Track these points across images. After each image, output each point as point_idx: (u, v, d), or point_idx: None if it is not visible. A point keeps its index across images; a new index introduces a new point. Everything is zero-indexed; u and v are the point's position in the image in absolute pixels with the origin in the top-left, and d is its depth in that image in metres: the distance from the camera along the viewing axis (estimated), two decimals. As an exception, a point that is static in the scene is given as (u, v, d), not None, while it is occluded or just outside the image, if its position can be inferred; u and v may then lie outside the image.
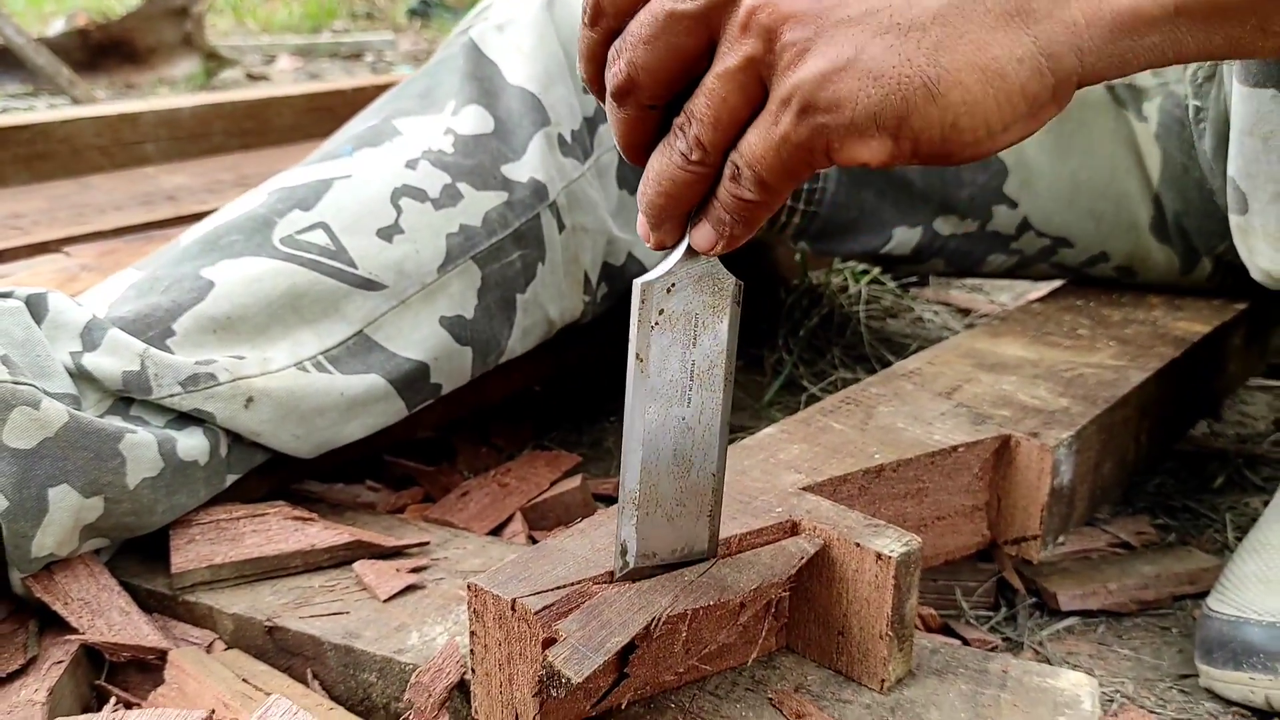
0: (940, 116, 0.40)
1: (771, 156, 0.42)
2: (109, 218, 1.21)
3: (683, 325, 0.48)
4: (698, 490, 0.52)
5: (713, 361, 0.50)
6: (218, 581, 0.64)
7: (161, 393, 0.65)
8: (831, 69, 0.40)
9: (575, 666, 0.47)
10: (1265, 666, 0.61)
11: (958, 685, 0.55)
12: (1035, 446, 0.68)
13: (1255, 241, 0.67)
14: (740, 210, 0.45)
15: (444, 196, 0.77)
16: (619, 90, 0.44)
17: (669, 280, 0.47)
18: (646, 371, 0.48)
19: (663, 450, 0.50)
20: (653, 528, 0.51)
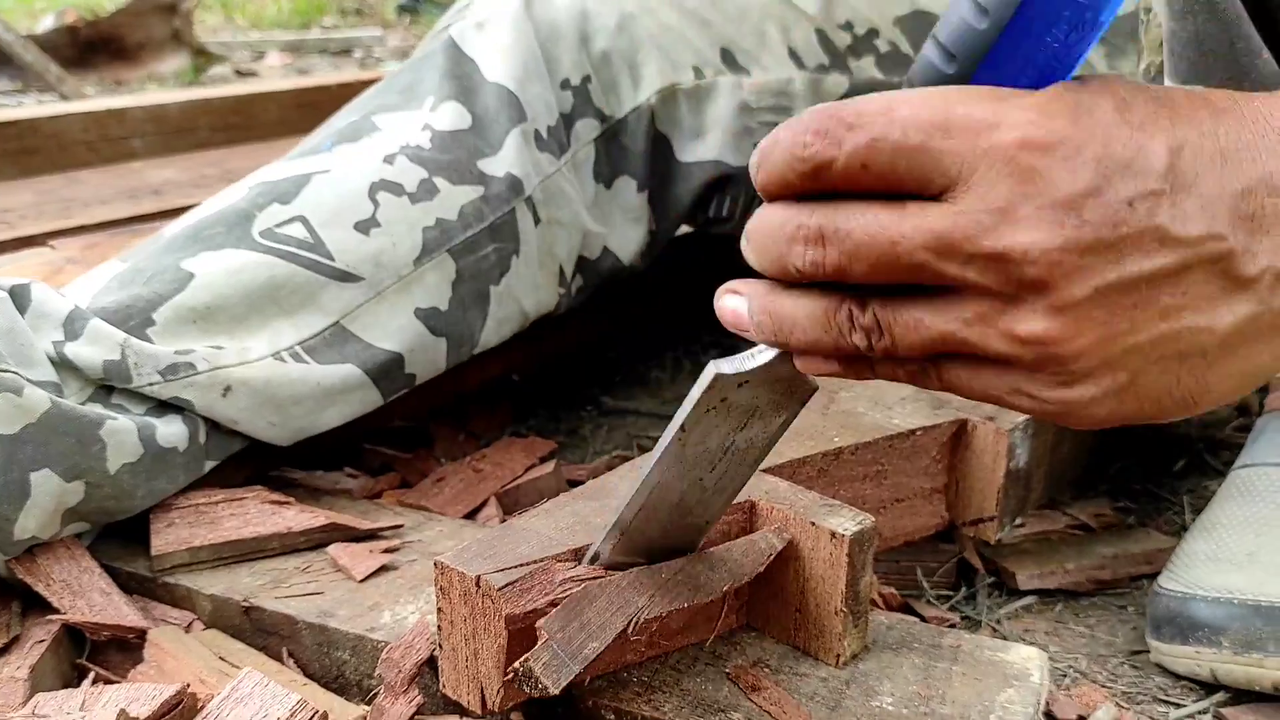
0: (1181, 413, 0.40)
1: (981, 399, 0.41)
2: (95, 212, 1.23)
3: (740, 414, 0.47)
4: (687, 530, 0.53)
5: (753, 444, 0.49)
6: (196, 564, 0.66)
7: (141, 381, 0.67)
8: (1101, 396, 0.39)
9: (554, 675, 0.49)
10: (1210, 640, 0.63)
11: (911, 659, 0.57)
12: (991, 430, 0.70)
13: None
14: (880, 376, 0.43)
15: (421, 191, 0.78)
16: (814, 270, 0.40)
17: (746, 378, 0.45)
18: (684, 443, 0.47)
19: (669, 498, 0.50)
20: (628, 546, 0.52)
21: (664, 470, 0.49)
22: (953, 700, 0.54)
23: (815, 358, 0.43)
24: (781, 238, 0.41)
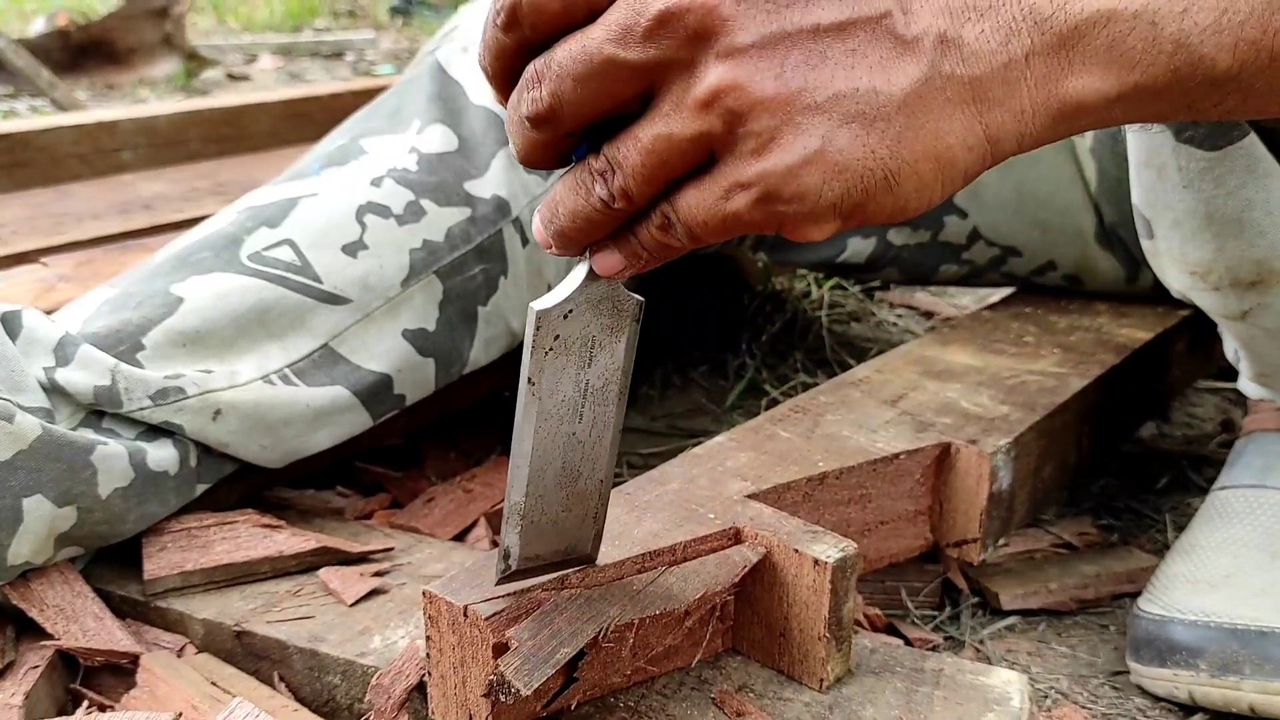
0: (893, 202, 0.41)
1: (715, 224, 0.42)
2: (87, 227, 1.23)
3: (578, 349, 0.48)
4: (583, 497, 0.52)
5: (607, 379, 0.49)
6: (188, 588, 0.67)
7: (132, 406, 0.67)
8: (799, 162, 0.40)
9: (525, 678, 0.50)
10: (1188, 663, 0.64)
11: (894, 683, 0.58)
12: (974, 453, 0.71)
13: (1164, 264, 0.71)
14: (661, 251, 0.45)
15: (407, 213, 0.79)
16: (537, 117, 0.43)
17: (566, 307, 0.46)
18: (538, 395, 0.48)
19: (550, 464, 0.50)
20: (537, 534, 0.52)
21: (532, 435, 0.48)
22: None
23: (602, 253, 0.45)
24: (515, 99, 0.43)
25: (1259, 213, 0.63)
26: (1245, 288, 0.66)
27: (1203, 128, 0.62)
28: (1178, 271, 0.69)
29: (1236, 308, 0.68)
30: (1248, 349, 0.71)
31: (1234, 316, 0.69)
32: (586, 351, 0.48)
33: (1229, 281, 0.66)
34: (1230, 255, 0.65)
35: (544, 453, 0.50)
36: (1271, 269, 0.65)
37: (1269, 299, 0.66)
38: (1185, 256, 0.67)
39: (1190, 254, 0.67)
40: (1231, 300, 0.67)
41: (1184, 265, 0.68)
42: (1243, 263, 0.65)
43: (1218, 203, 0.64)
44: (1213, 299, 0.68)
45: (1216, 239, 0.65)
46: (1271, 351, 0.69)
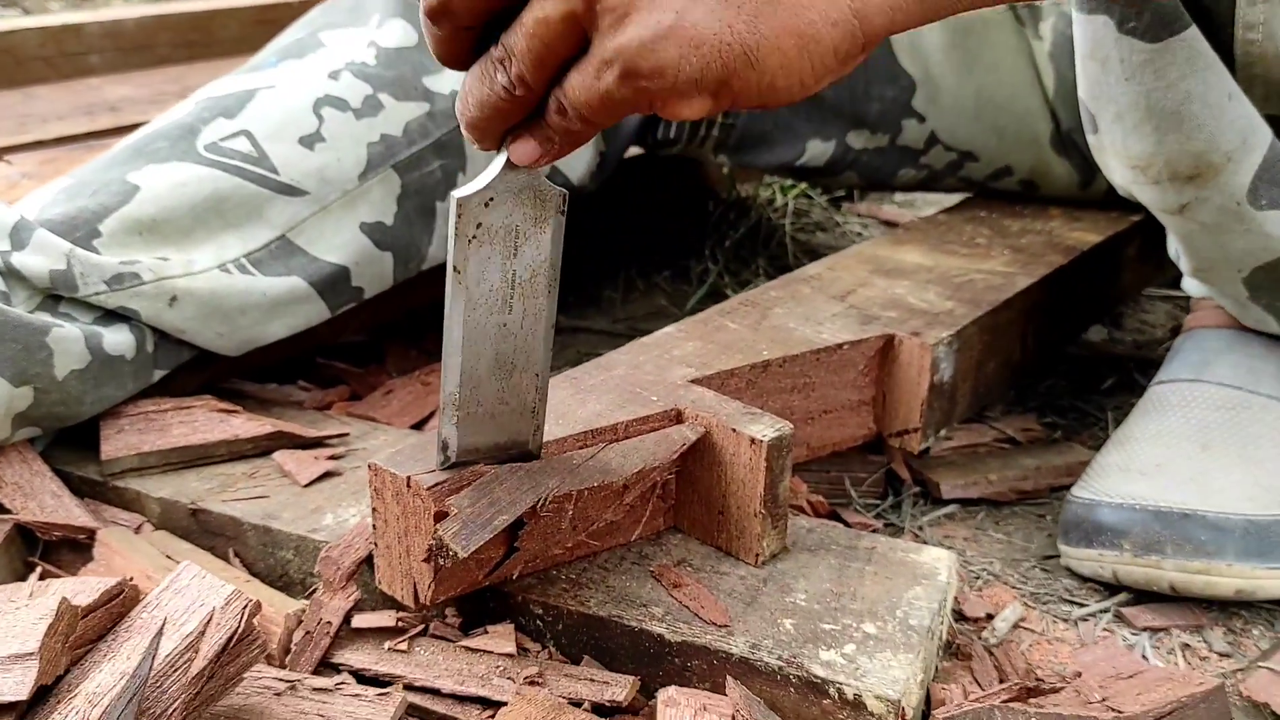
0: (758, 80, 0.42)
1: (596, 104, 0.44)
2: (51, 128, 1.22)
3: (502, 238, 0.49)
4: (520, 390, 0.53)
5: (535, 270, 0.51)
6: (145, 469, 0.68)
7: (87, 290, 0.68)
8: (652, 36, 0.41)
9: (463, 541, 0.52)
10: (1113, 544, 0.67)
11: (827, 559, 0.61)
12: (916, 345, 0.72)
13: (1107, 159, 0.72)
14: (566, 135, 0.46)
15: (365, 106, 0.79)
16: (432, 11, 0.45)
17: (486, 194, 0.47)
18: (464, 283, 0.49)
19: (483, 355, 0.51)
20: (474, 425, 0.53)
21: (461, 323, 0.50)
22: (863, 597, 0.57)
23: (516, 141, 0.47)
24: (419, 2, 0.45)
25: (1198, 105, 0.64)
26: (1183, 181, 0.67)
27: (1145, 18, 0.62)
28: (1120, 165, 0.70)
29: (1175, 202, 0.69)
30: (1186, 244, 0.73)
31: (1172, 211, 0.70)
32: (511, 241, 0.49)
33: (1168, 175, 0.68)
34: (1169, 148, 0.66)
35: (475, 342, 0.51)
36: (1209, 162, 0.66)
37: (1206, 193, 0.67)
38: (1127, 150, 0.68)
39: (1132, 147, 0.68)
40: (1170, 194, 0.69)
41: (1126, 159, 0.69)
42: (1181, 156, 0.66)
43: (1158, 95, 0.64)
44: (1152, 193, 0.70)
45: (1156, 132, 0.66)
46: (1208, 246, 0.71)
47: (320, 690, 0.53)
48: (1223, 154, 0.65)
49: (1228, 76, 0.64)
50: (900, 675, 0.52)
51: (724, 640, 0.53)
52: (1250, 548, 0.65)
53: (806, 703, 0.52)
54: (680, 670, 0.54)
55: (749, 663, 0.53)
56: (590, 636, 0.56)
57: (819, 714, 0.52)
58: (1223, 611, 0.67)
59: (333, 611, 0.58)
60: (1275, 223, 0.67)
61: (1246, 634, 0.66)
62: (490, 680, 0.54)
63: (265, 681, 0.53)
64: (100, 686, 0.45)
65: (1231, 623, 0.66)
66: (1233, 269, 0.71)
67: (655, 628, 0.54)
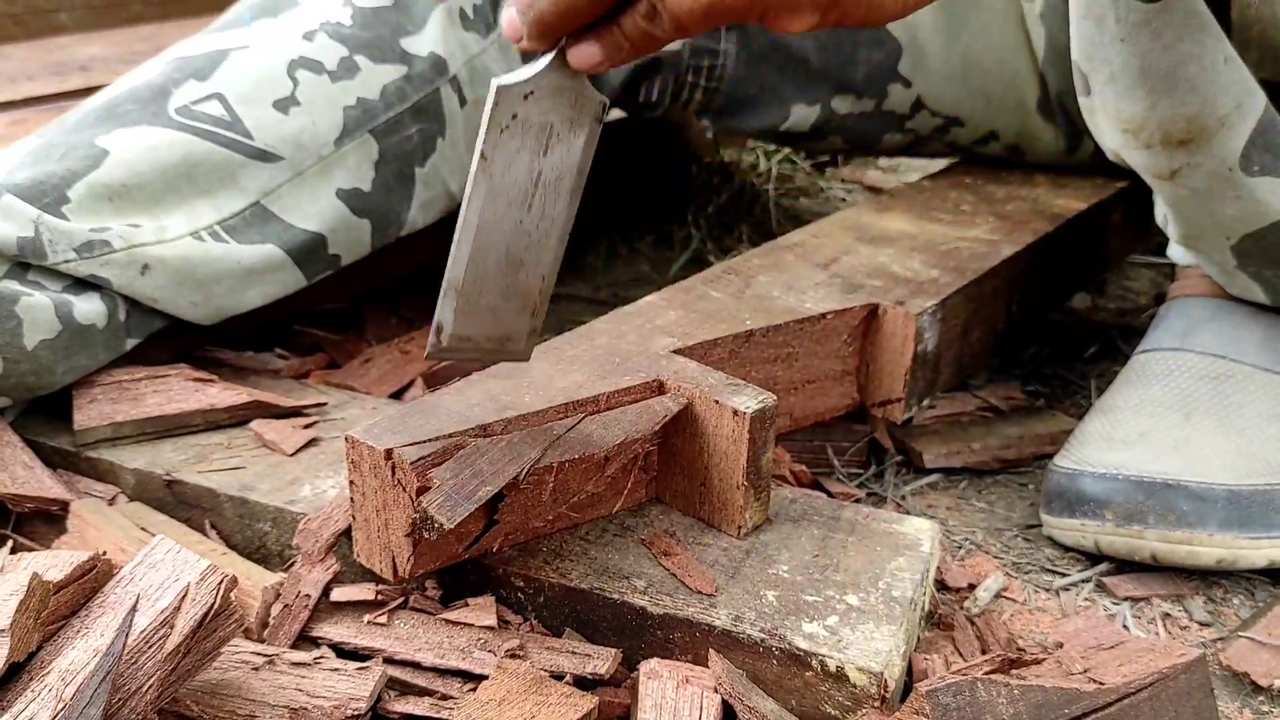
0: None
1: (700, 12, 0.43)
2: (20, 87, 1.20)
3: (535, 133, 0.48)
4: (524, 289, 0.53)
5: (561, 173, 0.50)
6: (119, 439, 0.67)
7: (56, 258, 0.67)
8: None
9: (448, 513, 0.51)
10: (1095, 513, 0.66)
11: (810, 530, 0.60)
12: (900, 314, 0.72)
13: (1099, 121, 0.71)
14: (644, 41, 0.45)
15: (341, 69, 0.78)
16: None
17: (527, 87, 0.47)
18: (490, 172, 0.48)
19: (494, 246, 0.50)
20: (472, 314, 0.52)
21: (479, 211, 0.49)
22: (845, 568, 0.57)
23: (580, 45, 0.46)
24: None
25: (1193, 68, 0.63)
26: (1175, 146, 0.67)
27: None
28: (1111, 128, 0.69)
29: (1166, 166, 0.68)
30: (1175, 210, 0.72)
31: (1163, 176, 0.69)
32: (544, 138, 0.48)
33: (1160, 139, 0.67)
34: (1162, 111, 0.65)
35: (489, 232, 0.50)
36: (1202, 127, 0.65)
37: (1198, 158, 0.67)
38: (1119, 112, 0.68)
39: (1124, 109, 0.67)
40: (1162, 158, 0.68)
41: (1118, 121, 0.68)
42: (1174, 119, 0.65)
43: (1153, 56, 0.63)
44: (1144, 157, 0.69)
45: (1150, 94, 0.65)
46: (1198, 213, 0.70)
47: (299, 664, 0.52)
48: (1216, 118, 0.64)
49: (1224, 40, 0.63)
50: (883, 647, 0.52)
51: (706, 612, 0.53)
52: (1232, 518, 0.65)
53: (789, 675, 0.52)
54: (662, 643, 0.54)
55: (731, 635, 0.52)
56: (571, 609, 0.56)
57: (801, 686, 0.52)
58: (1203, 581, 0.67)
59: (311, 584, 0.57)
60: (1266, 189, 0.67)
61: (1227, 603, 0.66)
62: (471, 653, 0.54)
63: (243, 656, 0.52)
64: (73, 664, 0.44)
65: (1212, 592, 0.67)
66: (1221, 236, 0.70)
67: (637, 600, 0.54)
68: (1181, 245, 0.76)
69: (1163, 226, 0.78)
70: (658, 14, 0.44)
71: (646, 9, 0.44)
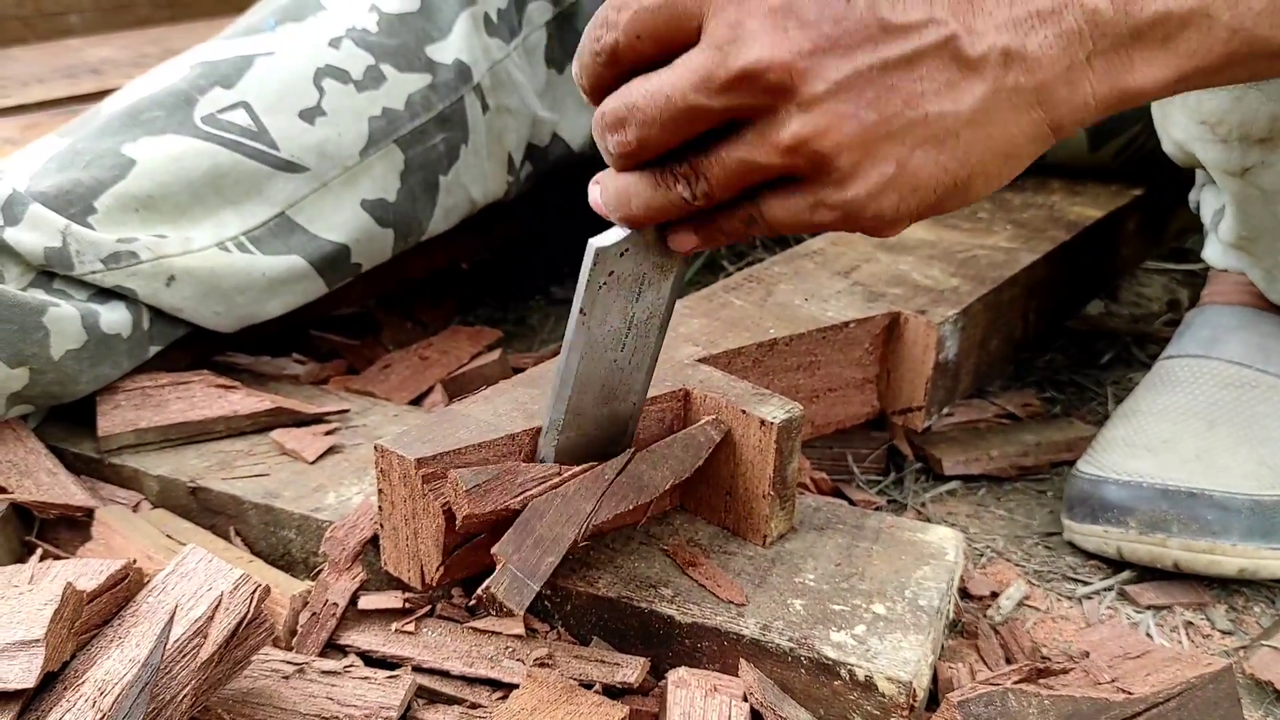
0: (962, 200, 0.45)
1: (800, 227, 0.46)
2: (32, 91, 1.20)
3: (630, 284, 0.50)
4: (618, 416, 0.55)
5: (652, 313, 0.52)
6: (143, 445, 0.67)
7: (84, 269, 0.67)
8: (877, 189, 0.43)
9: (515, 599, 0.51)
10: (1118, 520, 0.67)
11: (835, 539, 0.60)
12: (922, 323, 0.72)
13: (1173, 111, 0.71)
14: (739, 238, 0.48)
15: (367, 78, 0.78)
16: (624, 155, 0.45)
17: (623, 246, 0.49)
18: (589, 325, 0.50)
19: (591, 387, 0.53)
20: (570, 445, 0.54)
21: (579, 359, 0.51)
22: (871, 576, 0.57)
23: (678, 233, 0.48)
24: (600, 132, 0.46)
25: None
26: (1254, 143, 0.66)
27: None
28: (1187, 120, 0.69)
29: (1239, 163, 0.68)
30: (1238, 209, 0.71)
31: (1234, 172, 0.69)
32: (636, 287, 0.51)
33: (1239, 135, 0.67)
34: (1247, 107, 0.65)
35: (587, 377, 0.52)
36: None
37: (1273, 157, 0.66)
38: (1200, 105, 0.67)
39: (1206, 102, 0.67)
40: (1236, 154, 0.68)
41: (1196, 114, 0.68)
42: (1258, 117, 0.65)
43: None
44: (1217, 151, 0.69)
45: (1236, 89, 0.65)
46: (1261, 214, 0.70)
47: (329, 673, 0.52)
48: None
49: None
50: (911, 656, 0.52)
51: (734, 621, 0.53)
52: (1255, 527, 0.65)
53: (817, 684, 0.52)
54: (690, 651, 0.54)
55: (759, 644, 0.52)
56: (599, 617, 0.56)
57: (829, 695, 0.52)
58: (1224, 589, 0.67)
59: (338, 593, 0.57)
60: None
61: (1248, 611, 0.66)
62: (500, 662, 0.54)
63: (273, 664, 0.52)
64: (110, 674, 0.44)
65: (1233, 600, 0.67)
66: (1278, 240, 0.71)
67: (665, 609, 0.54)
68: (1232, 245, 0.75)
69: (1210, 226, 0.77)
70: (756, 222, 0.46)
71: (745, 217, 0.46)
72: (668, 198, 0.46)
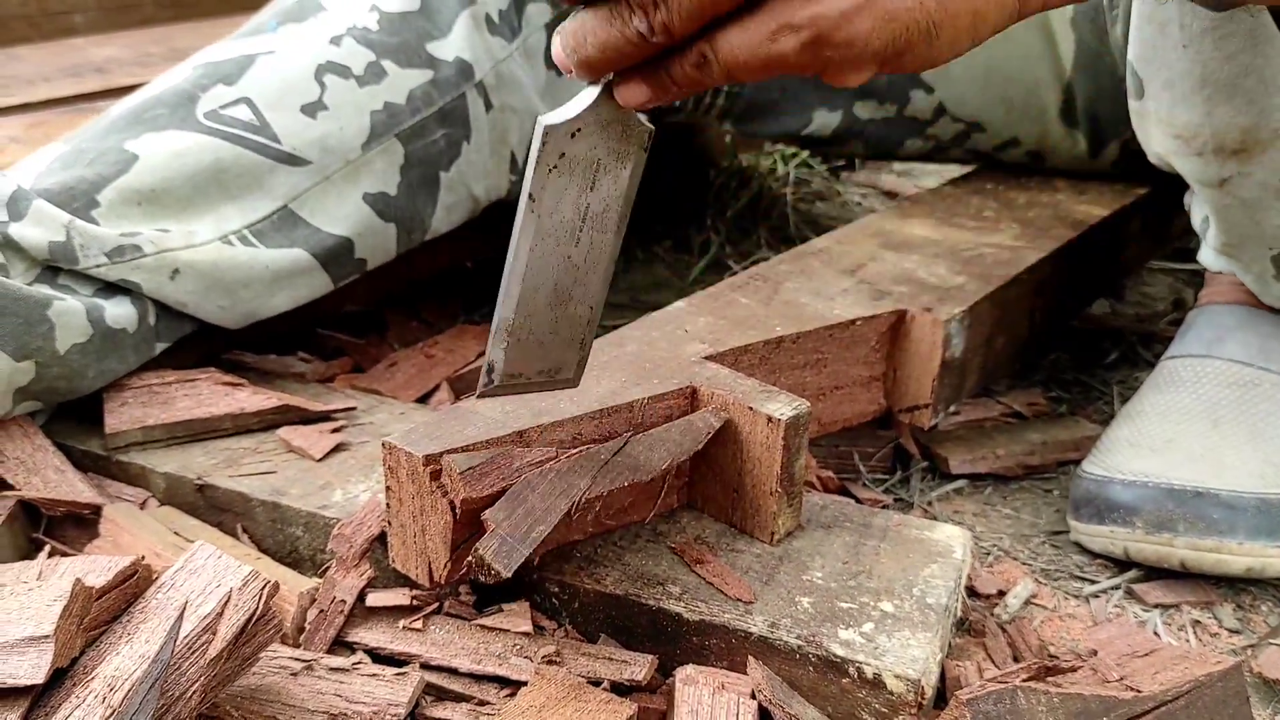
0: (929, 53, 0.42)
1: (756, 64, 0.42)
2: (37, 90, 1.20)
3: (583, 170, 0.47)
4: (572, 320, 0.52)
5: (608, 205, 0.49)
6: (150, 442, 0.67)
7: (88, 263, 0.67)
8: (851, 8, 0.41)
9: (504, 560, 0.51)
10: (1125, 521, 0.67)
11: (842, 537, 0.60)
12: (928, 320, 0.72)
13: (1149, 126, 0.71)
14: (693, 85, 0.44)
15: (368, 74, 0.78)
16: None
17: (575, 125, 0.46)
18: (538, 212, 0.47)
19: (543, 284, 0.50)
20: (522, 351, 0.52)
21: (528, 253, 0.48)
22: (879, 575, 0.57)
23: (628, 84, 0.45)
24: None
25: (1253, 80, 0.63)
26: (1228, 155, 0.66)
27: None
28: (1162, 134, 0.69)
29: (1216, 174, 0.68)
30: (1219, 218, 0.72)
31: (1212, 184, 0.69)
32: (590, 174, 0.47)
33: (1213, 147, 0.67)
34: (1218, 120, 0.65)
35: (538, 271, 0.49)
36: (1256, 138, 0.65)
37: (1249, 168, 0.66)
38: (1173, 118, 0.67)
39: (1179, 116, 0.67)
40: (1213, 166, 0.68)
41: (1170, 127, 0.68)
42: (1230, 129, 0.65)
43: (1214, 65, 0.63)
44: (1193, 164, 0.69)
45: (1207, 103, 0.65)
46: (1242, 222, 0.70)
47: (337, 670, 0.52)
48: (1271, 130, 0.64)
49: None
50: (919, 654, 0.52)
51: (742, 619, 0.53)
52: (1261, 526, 0.65)
53: (825, 681, 0.52)
54: (698, 649, 0.54)
55: (768, 641, 0.52)
56: (607, 615, 0.56)
57: (837, 693, 0.52)
58: (1231, 588, 0.67)
59: (346, 590, 0.57)
60: None
61: (1255, 610, 0.66)
62: (508, 659, 0.54)
63: (281, 661, 0.52)
64: (119, 670, 0.44)
65: (1240, 599, 0.67)
66: (1264, 246, 0.70)
67: (673, 606, 0.54)
68: (1221, 253, 0.75)
69: (1199, 232, 0.78)
70: (708, 63, 0.43)
71: (696, 58, 0.43)
72: (624, 33, 0.42)
